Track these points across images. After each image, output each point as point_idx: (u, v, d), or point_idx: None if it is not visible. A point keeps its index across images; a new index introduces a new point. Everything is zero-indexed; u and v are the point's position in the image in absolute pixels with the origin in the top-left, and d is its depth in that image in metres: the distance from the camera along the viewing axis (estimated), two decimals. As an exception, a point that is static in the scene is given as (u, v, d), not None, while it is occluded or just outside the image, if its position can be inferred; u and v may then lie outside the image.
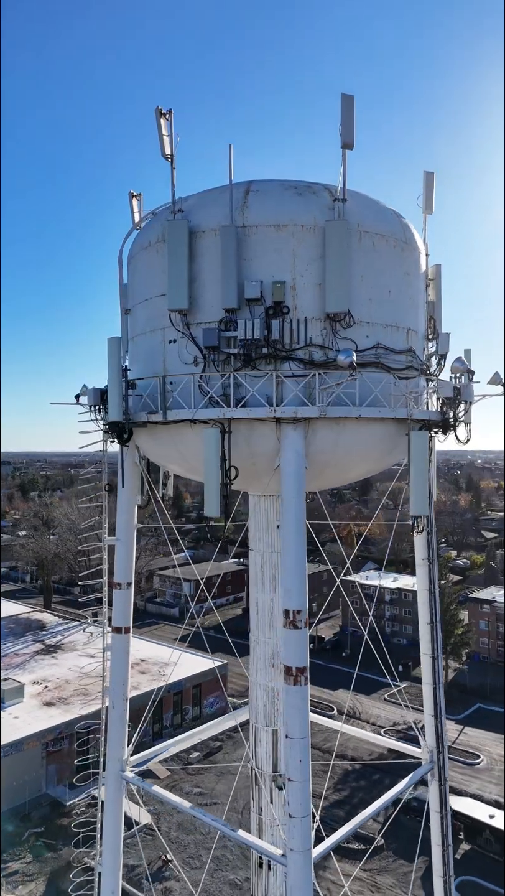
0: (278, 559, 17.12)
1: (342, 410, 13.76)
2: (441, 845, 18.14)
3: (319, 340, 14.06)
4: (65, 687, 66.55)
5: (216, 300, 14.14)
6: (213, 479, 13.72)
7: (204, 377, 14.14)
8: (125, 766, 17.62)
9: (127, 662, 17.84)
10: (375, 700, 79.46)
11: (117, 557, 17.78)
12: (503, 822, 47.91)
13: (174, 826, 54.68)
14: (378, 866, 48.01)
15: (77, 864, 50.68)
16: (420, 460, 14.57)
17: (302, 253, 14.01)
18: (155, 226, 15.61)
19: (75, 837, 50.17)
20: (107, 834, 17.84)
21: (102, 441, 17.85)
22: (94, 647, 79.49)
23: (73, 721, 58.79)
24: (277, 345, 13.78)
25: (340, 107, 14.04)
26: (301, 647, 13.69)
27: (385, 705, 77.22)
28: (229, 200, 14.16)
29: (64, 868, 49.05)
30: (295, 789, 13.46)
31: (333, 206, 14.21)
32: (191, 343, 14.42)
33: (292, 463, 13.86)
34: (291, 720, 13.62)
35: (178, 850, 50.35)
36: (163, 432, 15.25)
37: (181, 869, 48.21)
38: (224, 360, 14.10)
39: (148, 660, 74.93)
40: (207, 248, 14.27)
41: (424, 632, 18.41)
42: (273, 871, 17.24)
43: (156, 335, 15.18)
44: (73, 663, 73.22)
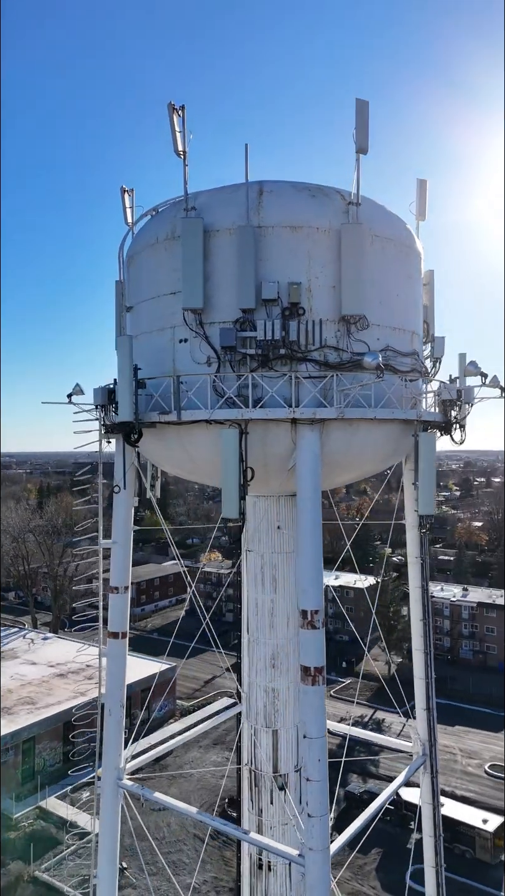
0: (280, 560, 17.18)
1: (358, 412, 13.92)
2: (433, 836, 18.62)
3: (334, 342, 14.19)
4: (7, 696, 64.26)
5: (231, 300, 14.04)
6: (231, 481, 13.61)
7: (219, 377, 14.01)
8: (122, 774, 17.23)
9: (124, 668, 17.47)
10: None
11: (114, 560, 17.37)
12: (450, 811, 49.50)
13: (126, 833, 53.73)
14: (334, 861, 48.61)
15: (27, 880, 49.12)
16: (428, 461, 14.93)
17: (317, 255, 14.10)
18: (162, 223, 15.34)
19: (23, 851, 48.64)
20: (103, 846, 17.40)
21: (99, 441, 17.40)
22: (36, 654, 77.24)
23: (18, 731, 57.01)
24: (293, 346, 13.82)
25: (355, 112, 14.20)
26: (319, 647, 13.77)
27: (332, 701, 78.31)
28: (245, 200, 14.11)
29: (13, 884, 47.46)
30: (314, 789, 13.54)
31: (346, 210, 14.36)
32: (204, 342, 14.25)
33: (309, 464, 13.92)
34: (309, 720, 13.69)
35: (133, 857, 49.50)
36: (171, 433, 14.98)
37: (137, 876, 47.50)
38: (239, 360, 14.01)
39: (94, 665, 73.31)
40: (221, 247, 14.15)
41: (416, 628, 18.85)
42: (273, 871, 17.24)
43: (164, 334, 14.92)
44: (15, 671, 70.88)
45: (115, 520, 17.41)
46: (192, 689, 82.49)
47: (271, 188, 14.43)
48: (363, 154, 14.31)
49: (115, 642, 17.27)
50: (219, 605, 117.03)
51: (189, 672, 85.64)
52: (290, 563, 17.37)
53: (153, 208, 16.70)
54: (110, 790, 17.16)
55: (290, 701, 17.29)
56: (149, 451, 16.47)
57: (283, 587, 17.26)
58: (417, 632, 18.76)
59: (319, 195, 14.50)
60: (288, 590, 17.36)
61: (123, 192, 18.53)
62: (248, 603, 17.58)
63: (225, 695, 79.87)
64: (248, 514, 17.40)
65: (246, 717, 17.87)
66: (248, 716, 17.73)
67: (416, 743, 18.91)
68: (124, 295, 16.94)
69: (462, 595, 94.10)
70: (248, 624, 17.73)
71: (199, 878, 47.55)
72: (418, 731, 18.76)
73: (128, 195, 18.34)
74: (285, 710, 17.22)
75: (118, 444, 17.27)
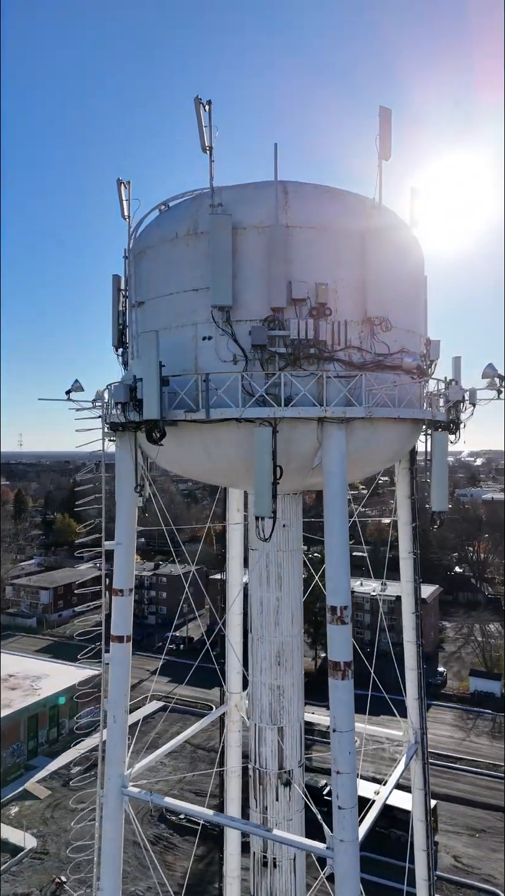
0: (285, 558, 17.32)
1: (384, 411, 14.29)
2: (423, 820, 19.33)
3: (358, 343, 14.49)
4: None
5: (258, 298, 14.04)
6: (264, 479, 13.62)
7: (247, 376, 13.96)
8: (127, 781, 16.78)
9: (128, 673, 17.01)
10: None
11: (117, 562, 16.90)
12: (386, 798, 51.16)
13: (63, 846, 51.94)
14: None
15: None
16: (441, 460, 15.53)
17: (342, 256, 14.35)
18: (181, 217, 15.07)
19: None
20: (106, 856, 16.89)
21: (102, 440, 16.89)
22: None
23: None
24: (321, 345, 14.00)
25: (379, 119, 14.58)
26: (347, 643, 14.02)
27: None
28: (273, 199, 14.14)
29: None
30: (344, 781, 13.79)
31: (367, 214, 14.70)
32: (231, 340, 14.17)
33: (337, 462, 14.14)
34: (339, 714, 13.90)
35: (72, 870, 47.93)
36: (191, 432, 14.74)
37: (77, 888, 46.11)
38: (267, 358, 14.04)
39: (17, 674, 70.50)
40: (248, 244, 14.11)
41: (407, 621, 19.54)
42: (278, 867, 17.35)
43: (185, 331, 14.69)
44: None
45: (118, 521, 16.95)
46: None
47: (295, 188, 14.54)
48: (386, 160, 14.70)
49: (118, 646, 16.80)
50: (141, 608, 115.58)
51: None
52: (294, 560, 17.57)
53: (163, 202, 16.39)
54: (114, 799, 16.69)
55: (294, 697, 17.46)
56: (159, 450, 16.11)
57: (287, 585, 17.41)
58: (409, 624, 19.46)
59: (340, 198, 14.78)
60: (293, 587, 17.54)
61: (120, 184, 18.08)
62: (253, 601, 17.56)
63: (154, 698, 78.87)
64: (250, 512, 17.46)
65: (250, 716, 17.84)
66: (252, 714, 17.72)
67: (407, 731, 19.58)
68: (130, 290, 16.47)
69: (381, 590, 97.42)
70: (251, 623, 17.70)
71: (141, 885, 46.75)
72: (410, 720, 19.42)
73: (124, 187, 17.94)
74: (290, 706, 17.38)
75: (123, 443, 16.86)
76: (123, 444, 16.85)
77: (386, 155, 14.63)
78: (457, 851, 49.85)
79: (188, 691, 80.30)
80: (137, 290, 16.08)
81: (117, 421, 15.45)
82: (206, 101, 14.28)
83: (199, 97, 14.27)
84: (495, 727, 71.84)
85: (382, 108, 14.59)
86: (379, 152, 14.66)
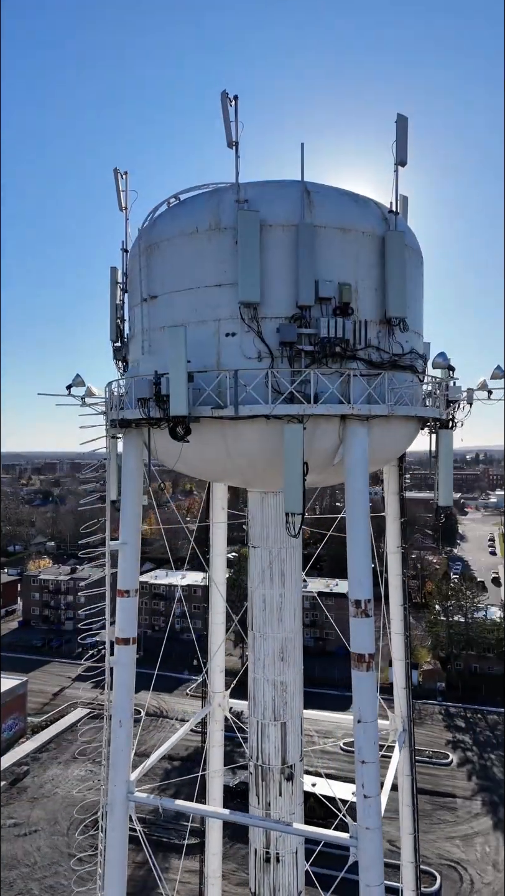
0: (288, 554, 17.49)
1: (404, 409, 14.76)
2: (410, 805, 20.05)
3: (376, 342, 14.88)
4: None
5: (285, 295, 14.13)
6: (295, 476, 13.71)
7: (274, 373, 14.02)
8: (133, 787, 16.37)
9: (133, 676, 16.61)
10: (178, 696, 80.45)
11: (122, 563, 16.46)
12: (320, 788, 52.29)
13: None
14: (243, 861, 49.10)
15: None
16: (448, 456, 16.20)
17: (363, 258, 14.69)
18: (201, 211, 14.86)
19: None
20: (110, 866, 16.38)
21: (106, 438, 16.40)
22: None
23: None
24: (345, 344, 14.28)
25: (395, 127, 15.02)
26: (370, 635, 14.37)
27: (189, 700, 78.67)
28: (299, 197, 14.29)
29: None
30: (368, 770, 14.13)
31: (384, 217, 15.13)
32: (256, 337, 14.17)
33: (359, 459, 14.47)
34: (364, 705, 14.22)
35: (5, 888, 45.84)
36: (211, 429, 14.60)
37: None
38: (293, 356, 14.15)
39: None
40: (274, 242, 14.17)
41: (395, 613, 20.18)
42: (282, 863, 17.48)
43: (207, 327, 14.53)
44: None
45: (123, 520, 16.50)
46: (40, 704, 77.84)
47: (316, 189, 14.73)
48: (402, 166, 15.17)
49: (123, 649, 16.39)
50: (56, 614, 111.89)
51: (35, 686, 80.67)
52: (295, 557, 17.77)
53: (173, 195, 16.13)
54: (120, 806, 16.22)
55: (295, 692, 17.65)
56: (169, 448, 15.82)
57: (290, 581, 17.60)
58: (397, 616, 20.10)
59: (360, 201, 15.11)
60: (295, 584, 17.74)
61: (117, 174, 17.66)
62: (255, 599, 17.60)
63: (78, 705, 76.62)
64: (256, 509, 17.55)
65: (252, 714, 17.83)
66: (254, 712, 17.73)
67: (395, 719, 20.23)
68: (137, 283, 16.09)
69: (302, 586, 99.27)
70: (252, 620, 17.73)
71: (81, 899, 45.39)
72: (398, 709, 20.09)
73: (122, 177, 17.55)
74: (292, 701, 17.55)
75: (130, 441, 16.47)
76: (130, 442, 16.44)
77: (403, 161, 15.09)
78: (392, 836, 51.65)
79: (113, 696, 78.66)
80: (149, 283, 15.72)
81: (137, 417, 15.03)
82: (232, 96, 14.20)
83: (226, 92, 14.17)
84: (415, 714, 74.98)
85: (399, 115, 15.05)
86: (395, 158, 15.10)
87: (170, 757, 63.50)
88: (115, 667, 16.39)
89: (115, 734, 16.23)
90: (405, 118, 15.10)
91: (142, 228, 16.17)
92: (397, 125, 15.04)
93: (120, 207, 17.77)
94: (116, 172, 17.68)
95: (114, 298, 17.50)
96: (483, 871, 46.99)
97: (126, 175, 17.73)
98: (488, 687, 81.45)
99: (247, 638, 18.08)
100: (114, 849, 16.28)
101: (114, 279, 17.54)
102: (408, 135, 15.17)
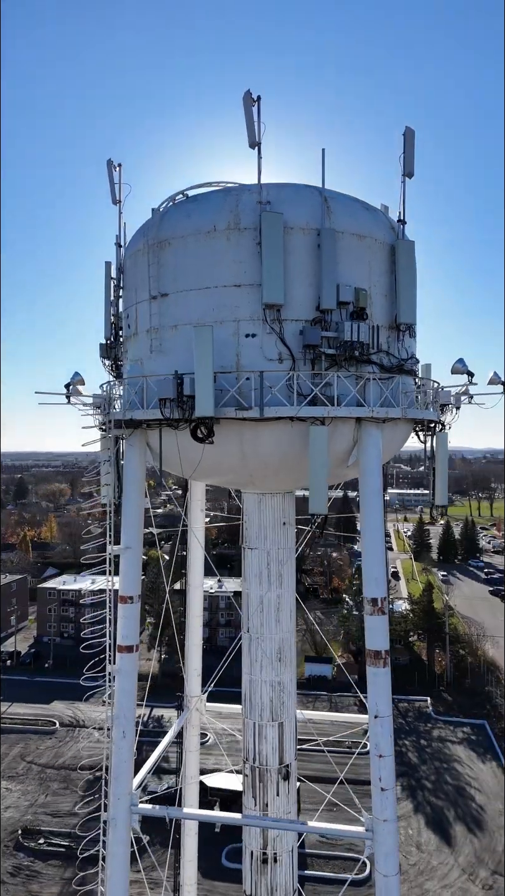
0: (285, 555, 17.61)
1: (415, 413, 15.29)
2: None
3: (386, 347, 15.33)
4: None
5: (304, 298, 14.28)
6: (320, 477, 13.87)
7: (296, 375, 14.11)
8: (136, 799, 15.87)
9: (135, 685, 16.11)
10: (93, 705, 78.00)
11: (124, 568, 15.93)
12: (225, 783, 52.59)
13: None
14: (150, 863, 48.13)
15: None
16: (444, 457, 16.90)
17: (375, 264, 15.10)
18: (219, 210, 14.65)
19: None
20: (112, 883, 15.78)
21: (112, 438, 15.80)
22: None
23: None
24: (364, 348, 14.62)
25: (403, 139, 15.53)
26: (386, 632, 14.79)
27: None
28: (319, 202, 14.47)
29: None
30: (386, 763, 14.55)
31: (392, 226, 15.61)
32: (277, 339, 14.20)
33: (374, 460, 14.85)
34: (380, 700, 14.64)
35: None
36: (227, 431, 14.44)
37: None
38: (315, 358, 14.31)
39: None
40: (295, 244, 14.26)
41: (372, 608, 20.73)
42: (279, 862, 17.57)
43: (225, 327, 14.38)
44: None
45: (125, 523, 15.98)
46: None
47: (331, 196, 14.96)
48: (409, 178, 15.70)
49: (126, 657, 15.86)
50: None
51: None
52: (291, 558, 17.91)
53: (181, 192, 15.83)
54: (122, 819, 15.67)
55: (292, 692, 17.80)
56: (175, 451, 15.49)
57: (287, 582, 17.72)
58: (376, 612, 20.65)
59: (370, 209, 15.51)
60: (290, 584, 17.88)
61: (111, 166, 17.15)
62: (251, 600, 17.56)
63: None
64: (254, 511, 17.57)
65: (248, 716, 17.77)
66: (250, 714, 17.69)
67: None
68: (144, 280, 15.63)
69: (218, 586, 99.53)
70: (249, 622, 17.67)
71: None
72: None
73: (115, 170, 17.06)
74: (289, 701, 17.69)
75: (134, 442, 15.98)
76: (134, 444, 15.95)
77: (410, 173, 15.62)
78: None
79: (25, 709, 75.24)
80: (159, 280, 15.31)
81: (152, 418, 14.59)
82: (255, 97, 14.14)
83: (249, 92, 14.09)
84: (332, 706, 77.16)
85: (407, 128, 15.56)
86: (403, 170, 15.60)
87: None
88: (116, 675, 15.82)
89: (117, 746, 15.68)
90: (412, 131, 15.64)
91: (148, 223, 15.73)
92: (405, 138, 15.56)
93: (113, 201, 17.24)
94: (110, 164, 17.12)
95: (108, 294, 16.93)
96: (408, 853, 49.15)
97: (119, 168, 17.21)
98: (397, 677, 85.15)
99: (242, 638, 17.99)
100: (116, 864, 15.71)
101: (108, 275, 16.97)
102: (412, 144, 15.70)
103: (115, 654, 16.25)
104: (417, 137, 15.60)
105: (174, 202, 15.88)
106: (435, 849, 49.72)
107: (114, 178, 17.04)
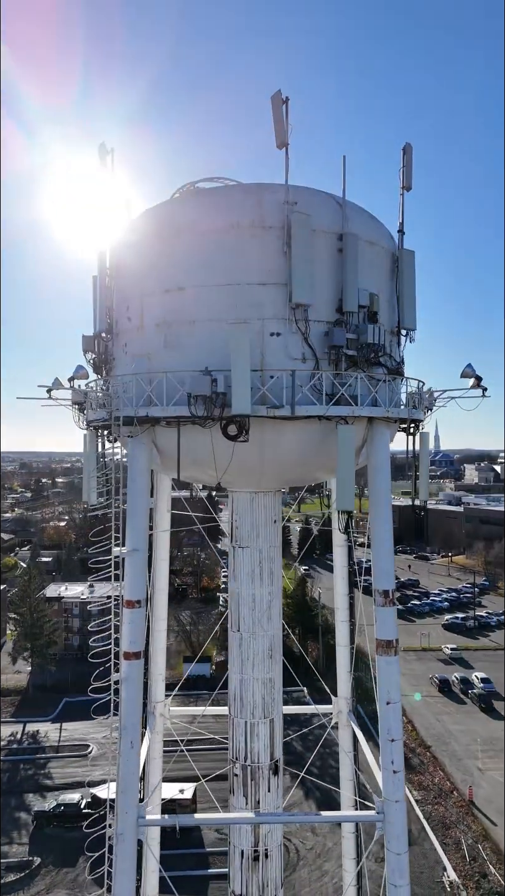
0: (276, 553, 17.84)
1: (417, 413, 16.18)
2: (352, 780, 21.62)
3: (389, 350, 16.10)
4: None
5: (326, 300, 14.63)
6: (347, 476, 14.28)
7: (320, 375, 14.41)
8: (144, 811, 15.28)
9: (141, 692, 15.47)
10: None
11: (129, 571, 15.25)
12: None
13: None
14: (46, 884, 45.69)
15: None
16: (426, 456, 17.98)
17: (383, 270, 15.82)
18: (241, 207, 14.51)
19: None
20: None
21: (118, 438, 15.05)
22: None
23: None
24: (379, 350, 15.26)
25: (401, 154, 16.36)
26: (395, 623, 15.51)
27: None
28: (339, 207, 14.88)
29: None
30: (396, 747, 15.28)
31: (392, 236, 16.41)
32: (302, 339, 14.41)
33: (383, 458, 15.56)
34: (391, 687, 15.33)
35: None
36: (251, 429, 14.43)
37: None
38: (336, 359, 14.70)
39: None
40: (319, 247, 14.56)
41: (339, 603, 21.57)
42: (270, 858, 17.75)
43: (249, 326, 14.31)
44: None
45: (130, 525, 15.32)
46: None
47: (344, 202, 15.42)
48: (407, 191, 16.56)
49: (131, 664, 15.20)
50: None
51: None
52: (279, 556, 18.16)
53: (190, 183, 15.49)
54: (130, 833, 14.99)
55: (280, 688, 18.05)
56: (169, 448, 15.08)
57: (277, 580, 17.95)
58: (342, 606, 21.51)
59: (374, 218, 16.17)
60: (280, 582, 18.12)
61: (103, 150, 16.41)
62: (243, 599, 17.55)
63: None
64: (246, 510, 17.68)
65: (237, 715, 17.71)
66: (240, 713, 17.66)
67: (338, 703, 21.62)
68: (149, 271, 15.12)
69: (90, 592, 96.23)
70: (240, 621, 17.62)
71: None
72: (341, 692, 21.51)
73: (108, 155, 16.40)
74: (278, 696, 17.92)
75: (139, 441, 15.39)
76: (139, 442, 15.34)
77: (408, 186, 16.47)
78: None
79: None
80: (173, 273, 14.86)
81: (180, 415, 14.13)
82: (284, 98, 14.22)
83: (280, 92, 14.13)
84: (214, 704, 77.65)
85: (407, 144, 16.40)
86: (402, 183, 16.42)
87: None
88: (122, 683, 15.12)
89: (124, 757, 14.98)
90: (410, 146, 16.50)
91: (159, 212, 15.22)
92: (403, 152, 16.39)
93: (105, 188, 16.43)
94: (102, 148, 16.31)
95: (103, 285, 16.13)
96: (304, 838, 50.90)
97: (113, 151, 16.46)
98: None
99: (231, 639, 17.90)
100: (123, 880, 15.01)
101: (102, 264, 16.17)
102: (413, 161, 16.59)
103: (117, 663, 15.49)
104: (414, 137, 16.50)
105: (180, 193, 15.50)
106: (329, 831, 51.92)
107: (106, 163, 16.26)
